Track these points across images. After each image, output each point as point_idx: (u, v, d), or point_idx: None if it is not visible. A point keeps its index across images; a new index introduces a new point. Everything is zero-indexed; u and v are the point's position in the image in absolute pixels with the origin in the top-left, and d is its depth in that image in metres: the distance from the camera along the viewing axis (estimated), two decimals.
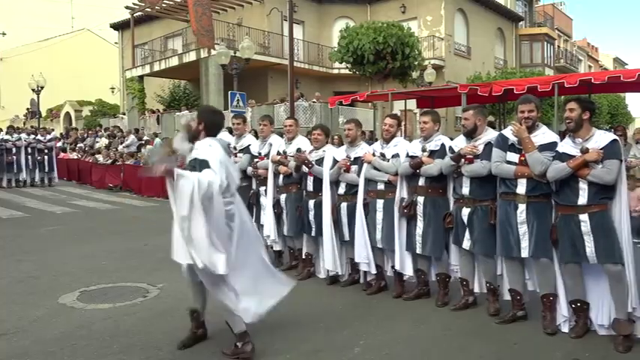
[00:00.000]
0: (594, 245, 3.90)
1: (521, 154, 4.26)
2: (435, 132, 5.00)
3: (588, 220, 3.92)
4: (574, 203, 3.98)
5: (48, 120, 31.55)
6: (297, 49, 22.06)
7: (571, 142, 4.10)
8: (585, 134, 4.03)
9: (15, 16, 32.78)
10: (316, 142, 5.87)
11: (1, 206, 12.26)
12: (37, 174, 16.42)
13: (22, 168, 16.15)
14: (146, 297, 5.38)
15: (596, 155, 3.87)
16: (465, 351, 3.99)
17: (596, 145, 3.94)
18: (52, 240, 8.27)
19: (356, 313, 4.89)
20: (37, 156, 16.48)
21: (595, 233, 3.89)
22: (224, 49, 17.44)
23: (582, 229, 3.94)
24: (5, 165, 15.85)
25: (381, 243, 5.17)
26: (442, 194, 4.91)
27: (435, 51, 24.21)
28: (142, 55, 26.48)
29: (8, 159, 15.91)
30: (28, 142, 16.27)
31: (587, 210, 3.93)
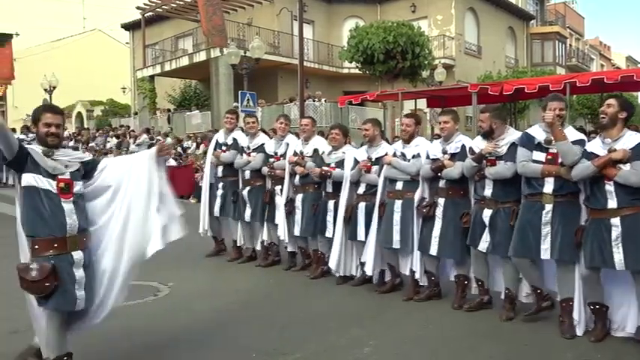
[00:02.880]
0: (624, 251, 3.75)
1: (548, 153, 4.15)
2: (455, 132, 4.95)
3: (620, 224, 3.78)
4: (604, 207, 3.84)
5: None
6: (307, 49, 22.05)
7: (600, 142, 3.98)
8: (616, 134, 3.89)
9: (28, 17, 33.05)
10: (334, 142, 5.85)
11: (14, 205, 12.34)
12: None
13: None
14: (157, 296, 5.41)
15: (622, 154, 3.74)
16: (474, 351, 3.97)
17: (624, 145, 3.81)
18: None
19: (366, 312, 4.88)
20: None
21: (625, 239, 3.75)
22: (234, 48, 17.49)
23: (612, 234, 3.80)
24: None
25: (398, 244, 5.12)
26: (463, 196, 4.85)
27: (445, 50, 24.10)
28: (152, 55, 26.60)
29: None
30: None
31: (618, 213, 3.79)
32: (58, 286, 3.17)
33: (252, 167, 6.49)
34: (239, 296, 5.39)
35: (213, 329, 4.44)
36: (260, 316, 4.80)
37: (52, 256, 3.19)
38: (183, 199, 13.22)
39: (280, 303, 5.22)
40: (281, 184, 6.26)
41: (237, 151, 6.65)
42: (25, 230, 3.25)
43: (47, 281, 3.14)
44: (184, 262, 6.78)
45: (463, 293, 4.92)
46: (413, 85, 18.76)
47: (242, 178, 6.66)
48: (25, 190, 3.24)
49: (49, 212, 3.21)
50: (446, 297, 5.07)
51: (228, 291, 5.60)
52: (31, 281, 3.13)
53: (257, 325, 4.53)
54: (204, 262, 6.85)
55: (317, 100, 19.85)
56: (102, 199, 3.50)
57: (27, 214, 3.24)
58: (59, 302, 3.21)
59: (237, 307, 5.06)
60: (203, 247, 7.15)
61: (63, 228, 3.24)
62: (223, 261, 6.85)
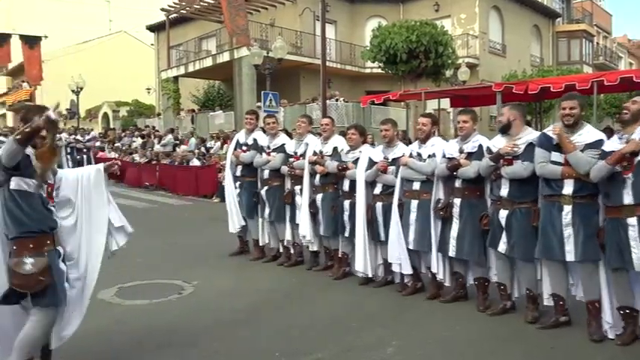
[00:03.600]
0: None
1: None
2: (473, 131, 4.91)
3: (637, 223, 3.72)
4: (620, 203, 3.79)
5: (87, 120, 32.38)
6: (330, 49, 22.04)
7: (618, 140, 3.91)
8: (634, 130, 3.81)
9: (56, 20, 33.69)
10: (351, 142, 5.85)
11: None
12: None
13: (63, 167, 16.65)
14: (181, 294, 5.47)
15: (634, 146, 3.66)
16: (499, 354, 3.92)
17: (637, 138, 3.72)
18: None
19: (390, 313, 4.85)
20: (77, 155, 16.95)
21: None
22: (257, 49, 17.57)
23: (630, 233, 3.74)
24: None
25: (414, 244, 5.10)
26: (479, 196, 4.79)
27: (469, 49, 23.86)
28: (176, 56, 26.90)
29: None
30: (68, 141, 16.76)
31: (634, 212, 3.73)
32: (51, 282, 3.20)
33: (272, 167, 6.52)
34: (262, 295, 5.42)
35: (236, 328, 4.47)
36: (282, 315, 4.81)
37: (46, 252, 3.24)
38: (206, 199, 13.35)
39: (302, 303, 5.23)
40: (300, 183, 6.27)
41: (257, 151, 6.68)
42: (15, 231, 3.19)
43: (42, 275, 3.16)
44: (208, 261, 6.85)
45: (485, 295, 4.86)
46: (436, 84, 18.61)
47: (260, 178, 6.69)
48: (14, 193, 3.21)
49: (39, 213, 3.25)
50: (471, 299, 5.00)
51: (251, 290, 5.63)
52: (25, 275, 3.11)
53: (279, 325, 4.54)
54: (227, 261, 6.90)
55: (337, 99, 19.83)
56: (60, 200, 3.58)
57: (16, 215, 3.19)
58: (54, 298, 3.24)
59: (260, 306, 5.08)
60: (226, 246, 7.21)
61: (53, 222, 3.34)
62: (246, 260, 6.89)
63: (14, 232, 3.20)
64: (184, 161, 15.50)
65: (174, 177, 15.11)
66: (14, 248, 3.20)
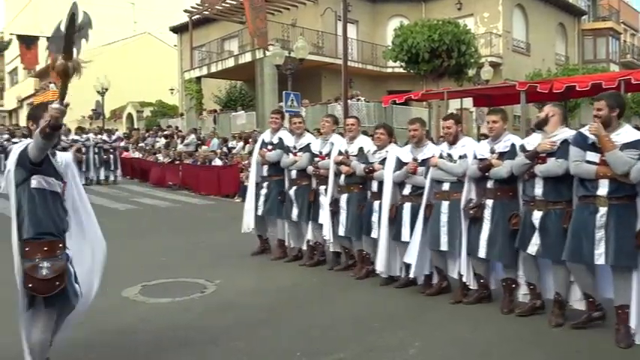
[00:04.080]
0: None
1: (602, 154, 3.96)
2: (503, 131, 4.83)
3: None
4: None
5: (111, 120, 32.86)
6: (351, 49, 22.00)
7: None
8: None
9: None
10: (379, 142, 5.81)
11: None
12: (103, 172, 17.14)
13: (90, 167, 16.92)
14: (204, 293, 5.50)
15: None
16: (523, 356, 3.86)
17: None
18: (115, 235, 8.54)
19: (412, 314, 4.82)
20: (104, 155, 17.21)
21: None
22: (278, 49, 17.63)
23: None
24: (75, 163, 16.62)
25: (445, 246, 5.03)
26: (512, 197, 4.70)
27: (492, 48, 23.59)
28: (199, 57, 27.14)
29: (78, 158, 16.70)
30: (95, 142, 17.04)
31: None
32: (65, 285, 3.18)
33: (299, 167, 6.52)
34: (283, 295, 5.43)
35: (258, 327, 4.48)
36: (303, 315, 4.81)
37: (61, 255, 3.21)
38: (228, 198, 13.44)
39: (324, 302, 5.22)
40: (325, 183, 6.26)
41: (283, 150, 6.69)
42: (31, 231, 3.16)
43: (57, 280, 3.13)
44: (230, 260, 6.89)
45: (511, 297, 4.78)
46: (458, 84, 18.45)
47: (289, 178, 6.70)
48: (34, 192, 3.19)
49: (57, 215, 3.26)
50: (496, 300, 4.93)
51: (272, 290, 5.65)
52: (41, 280, 3.09)
53: (300, 325, 4.54)
54: (249, 261, 6.93)
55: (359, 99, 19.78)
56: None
57: (35, 215, 3.17)
58: (67, 301, 3.23)
59: (282, 305, 5.09)
60: (248, 245, 7.24)
61: (66, 229, 3.34)
62: (267, 260, 6.91)
63: (30, 233, 3.15)
64: (207, 161, 15.63)
65: (197, 177, 15.24)
66: (26, 249, 3.14)
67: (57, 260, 3.17)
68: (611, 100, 4.06)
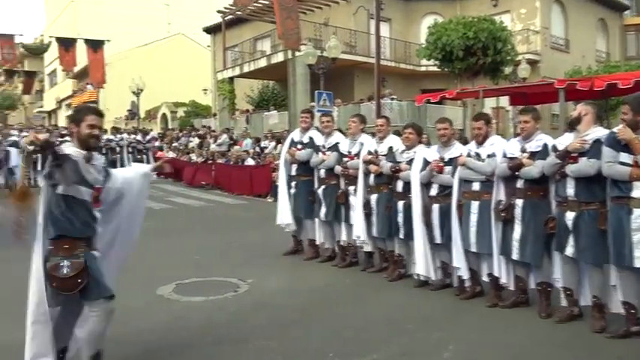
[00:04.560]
0: None
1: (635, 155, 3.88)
2: (535, 131, 4.74)
3: None
4: None
5: (146, 121, 33.52)
6: (384, 47, 21.87)
7: None
8: None
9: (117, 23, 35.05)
10: (407, 142, 5.77)
11: None
12: None
13: (125, 166, 17.35)
14: (237, 292, 5.56)
15: None
16: None
17: None
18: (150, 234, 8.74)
19: (446, 317, 4.77)
20: (137, 155, 17.61)
21: None
22: (311, 49, 17.67)
23: None
24: (109, 164, 17.08)
25: (475, 247, 4.97)
26: (543, 197, 4.62)
27: (529, 45, 23.11)
28: (232, 57, 27.44)
29: (112, 157, 17.13)
30: (129, 141, 17.45)
31: None
32: (90, 280, 3.26)
33: (327, 166, 6.53)
34: (316, 295, 5.44)
35: (290, 327, 4.51)
36: (336, 316, 4.82)
37: (82, 254, 3.30)
38: (260, 198, 13.55)
39: (356, 304, 5.21)
40: (354, 183, 6.25)
41: (313, 149, 6.71)
42: (54, 231, 3.27)
43: (79, 277, 3.23)
44: (263, 260, 6.94)
45: (548, 301, 4.67)
46: (494, 82, 18.16)
47: (318, 177, 6.71)
48: (60, 197, 3.27)
49: (82, 221, 3.31)
50: (533, 305, 4.82)
51: (305, 290, 5.67)
52: (62, 278, 3.21)
53: (333, 325, 4.54)
54: (282, 261, 6.97)
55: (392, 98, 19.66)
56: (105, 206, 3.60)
57: (58, 219, 3.26)
58: (100, 290, 3.30)
59: (314, 306, 5.11)
60: (281, 245, 7.28)
61: (92, 230, 3.40)
62: (300, 260, 6.93)
63: (53, 233, 3.27)
64: (239, 161, 15.78)
65: (230, 176, 15.41)
66: (50, 248, 3.28)
67: (77, 259, 3.27)
68: (634, 104, 3.98)
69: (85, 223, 3.35)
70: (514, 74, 19.28)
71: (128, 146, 17.43)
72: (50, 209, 3.28)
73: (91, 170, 3.39)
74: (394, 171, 5.70)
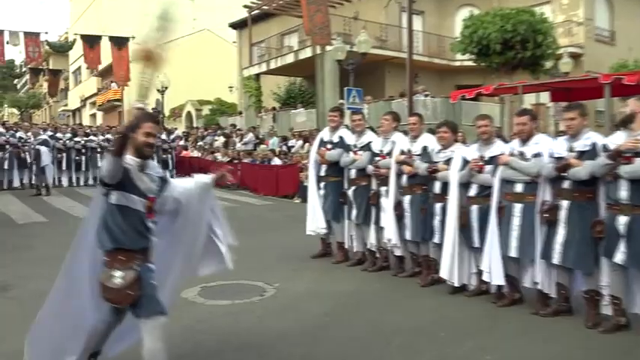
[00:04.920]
0: None
1: None
2: (583, 129, 4.63)
3: None
4: None
5: (171, 119, 34.00)
6: (416, 42, 21.73)
7: None
8: None
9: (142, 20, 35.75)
10: (443, 141, 5.72)
11: None
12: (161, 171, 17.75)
13: None
14: (263, 296, 5.60)
15: None
16: None
17: None
18: None
19: (482, 325, 4.71)
20: (162, 155, 17.83)
21: None
22: (340, 44, 17.67)
23: None
24: None
25: (516, 252, 4.88)
26: (591, 199, 4.51)
27: (572, 37, 22.64)
28: (258, 53, 27.63)
29: None
30: None
31: None
32: (143, 294, 3.25)
33: (359, 166, 6.51)
34: (344, 300, 5.44)
35: (319, 332, 4.51)
36: (365, 322, 4.80)
37: (137, 266, 3.28)
38: (287, 199, 13.60)
39: (387, 309, 5.18)
40: (386, 184, 6.22)
41: (344, 149, 6.69)
42: (109, 243, 3.26)
43: (131, 289, 3.22)
44: (290, 263, 6.96)
45: (595, 310, 4.55)
46: (534, 77, 17.84)
47: (348, 178, 6.70)
48: (113, 207, 3.28)
49: (135, 232, 3.30)
50: (577, 314, 4.71)
51: (333, 294, 5.67)
52: (114, 289, 3.20)
53: (362, 331, 4.53)
54: (309, 264, 6.98)
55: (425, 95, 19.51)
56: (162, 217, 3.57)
57: (112, 230, 3.26)
58: (153, 306, 3.27)
59: (342, 311, 5.10)
60: (308, 248, 7.30)
61: (147, 242, 3.38)
62: (328, 263, 6.93)
63: (107, 245, 3.27)
64: (265, 160, 15.88)
65: (256, 176, 15.52)
66: (106, 260, 3.28)
67: (130, 270, 3.25)
68: None
69: (140, 234, 3.33)
70: (555, 69, 18.92)
71: None
72: (105, 220, 3.29)
73: (145, 179, 3.34)
74: (431, 171, 5.65)
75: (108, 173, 3.18)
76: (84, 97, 44.66)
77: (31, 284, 5.88)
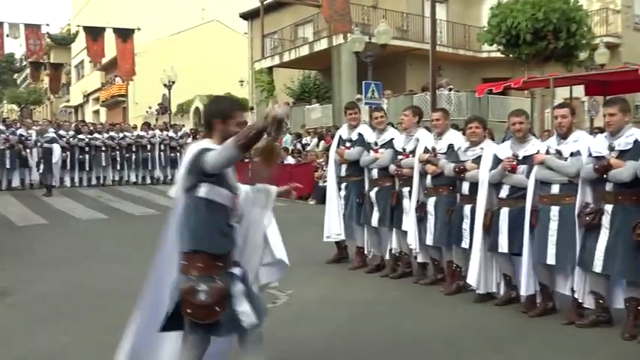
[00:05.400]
0: None
1: None
2: (624, 125, 4.55)
3: None
4: None
5: (178, 115, 34.23)
6: (440, 32, 21.65)
7: None
8: None
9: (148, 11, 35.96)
10: (475, 137, 5.64)
11: (135, 203, 13.52)
12: (170, 171, 17.86)
13: (157, 165, 17.73)
14: (275, 303, 5.59)
15: None
16: None
17: None
18: None
19: (510, 336, 4.68)
20: (170, 153, 17.94)
21: None
22: (358, 34, 17.64)
23: None
24: (140, 162, 17.51)
25: (553, 259, 4.81)
26: (636, 202, 4.42)
27: (608, 26, 22.41)
28: (271, 45, 27.68)
29: (143, 156, 17.54)
30: (161, 138, 17.82)
31: None
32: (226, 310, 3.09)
33: (381, 165, 6.48)
34: (362, 308, 5.42)
35: (335, 342, 4.51)
36: (384, 331, 4.78)
37: (221, 276, 3.11)
38: (301, 200, 13.61)
39: (407, 319, 5.16)
40: (409, 185, 6.18)
41: (364, 147, 6.67)
42: (189, 243, 3.10)
43: (218, 305, 3.04)
44: (303, 269, 6.93)
45: (636, 321, 4.48)
46: (567, 69, 17.68)
47: (369, 178, 6.67)
48: (200, 202, 3.10)
49: (221, 232, 3.15)
50: (617, 325, 4.63)
51: (350, 302, 5.66)
52: (199, 305, 3.01)
53: (380, 342, 4.52)
54: (324, 270, 6.98)
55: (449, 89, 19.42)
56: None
57: (195, 228, 3.10)
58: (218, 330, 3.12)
59: (360, 319, 5.09)
60: (323, 252, 7.29)
61: (232, 243, 3.23)
62: (345, 269, 6.92)
63: (188, 246, 3.10)
64: None
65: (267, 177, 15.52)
66: (183, 263, 3.12)
67: (215, 282, 3.07)
68: None
69: (224, 235, 3.17)
70: (590, 60, 18.73)
71: (160, 143, 17.79)
72: (187, 216, 3.13)
73: (230, 173, 3.24)
74: (458, 171, 5.60)
75: (220, 165, 3.00)
76: (87, 92, 45.13)
77: (32, 288, 5.96)
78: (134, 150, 17.47)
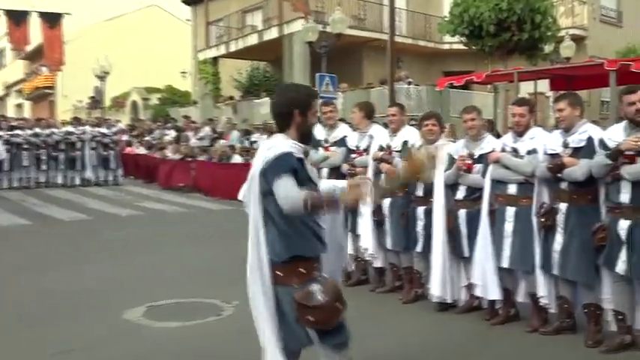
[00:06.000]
0: None
1: None
2: (576, 120, 4.70)
3: None
4: None
5: (112, 110, 33.57)
6: (399, 21, 21.89)
7: None
8: None
9: None
10: (431, 135, 5.70)
11: (63, 207, 13.17)
12: (101, 172, 17.46)
13: (87, 165, 17.22)
14: (220, 315, 5.55)
15: None
16: None
17: None
18: (115, 246, 8.71)
19: (474, 346, 4.76)
20: (103, 151, 17.53)
21: None
22: (312, 23, 17.68)
23: None
24: (68, 162, 17.01)
25: (508, 262, 4.94)
26: (591, 201, 4.58)
27: (574, 18, 23.11)
28: (216, 33, 27.46)
29: (71, 154, 17.04)
30: (92, 135, 17.38)
31: None
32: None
33: (332, 164, 6.48)
34: None
35: None
36: None
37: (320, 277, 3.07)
38: None
39: (366, 331, 5.15)
40: None
41: (313, 144, 6.66)
42: (284, 252, 3.06)
43: (339, 301, 3.02)
44: None
45: (597, 327, 4.63)
46: (532, 62, 18.13)
47: None
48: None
49: (313, 233, 3.12)
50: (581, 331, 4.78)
51: None
52: (319, 307, 2.96)
53: None
54: None
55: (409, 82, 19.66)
56: None
57: (287, 235, 3.07)
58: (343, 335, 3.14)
59: None
60: None
61: (323, 245, 3.20)
62: None
63: (283, 255, 3.06)
64: (224, 158, 15.78)
65: (213, 177, 15.41)
66: (279, 275, 3.07)
67: (324, 279, 3.06)
68: None
69: (316, 236, 3.14)
70: (556, 53, 19.26)
71: (91, 140, 17.37)
72: (275, 224, 3.08)
73: (309, 167, 3.20)
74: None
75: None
76: (8, 83, 43.77)
77: None
78: (62, 148, 16.98)
